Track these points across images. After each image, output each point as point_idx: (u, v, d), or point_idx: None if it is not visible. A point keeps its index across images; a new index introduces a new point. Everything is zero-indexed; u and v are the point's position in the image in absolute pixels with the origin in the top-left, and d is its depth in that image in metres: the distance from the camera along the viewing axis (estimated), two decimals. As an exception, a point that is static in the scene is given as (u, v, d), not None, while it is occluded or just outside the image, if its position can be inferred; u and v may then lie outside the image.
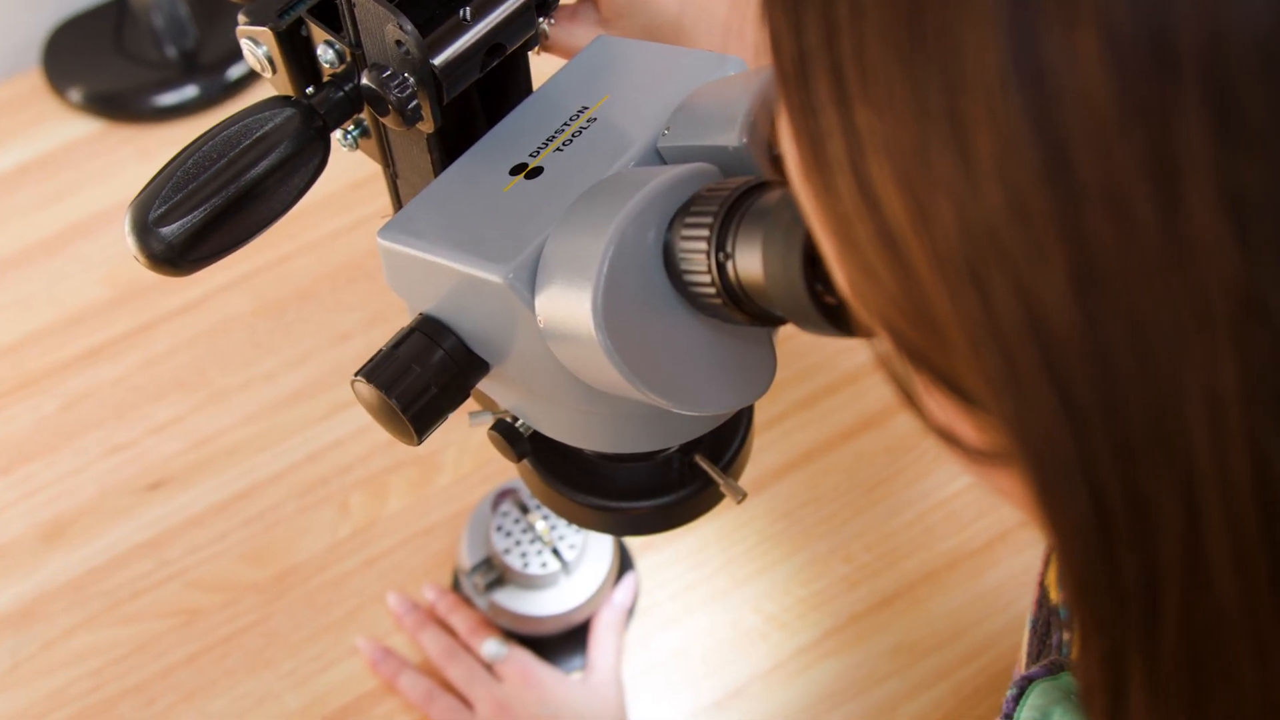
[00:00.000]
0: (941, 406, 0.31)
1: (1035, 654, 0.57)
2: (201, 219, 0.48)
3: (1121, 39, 0.23)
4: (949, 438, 0.32)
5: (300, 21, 0.53)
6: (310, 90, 0.53)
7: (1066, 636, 0.55)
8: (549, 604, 0.89)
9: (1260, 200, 0.23)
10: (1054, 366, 0.26)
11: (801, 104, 0.30)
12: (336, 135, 0.56)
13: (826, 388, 1.04)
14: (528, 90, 0.58)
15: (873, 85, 0.27)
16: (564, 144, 0.52)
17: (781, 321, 0.45)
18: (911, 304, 0.28)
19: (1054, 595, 0.57)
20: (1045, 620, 0.57)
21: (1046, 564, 0.59)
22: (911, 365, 0.31)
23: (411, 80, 0.50)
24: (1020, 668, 0.61)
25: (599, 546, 0.91)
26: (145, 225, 0.47)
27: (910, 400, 0.33)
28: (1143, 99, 0.23)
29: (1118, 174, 0.24)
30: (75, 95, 1.24)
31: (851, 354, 1.05)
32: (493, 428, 0.59)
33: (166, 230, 0.47)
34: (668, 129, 0.50)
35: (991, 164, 0.25)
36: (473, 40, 0.51)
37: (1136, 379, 0.25)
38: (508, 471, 0.98)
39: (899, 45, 0.26)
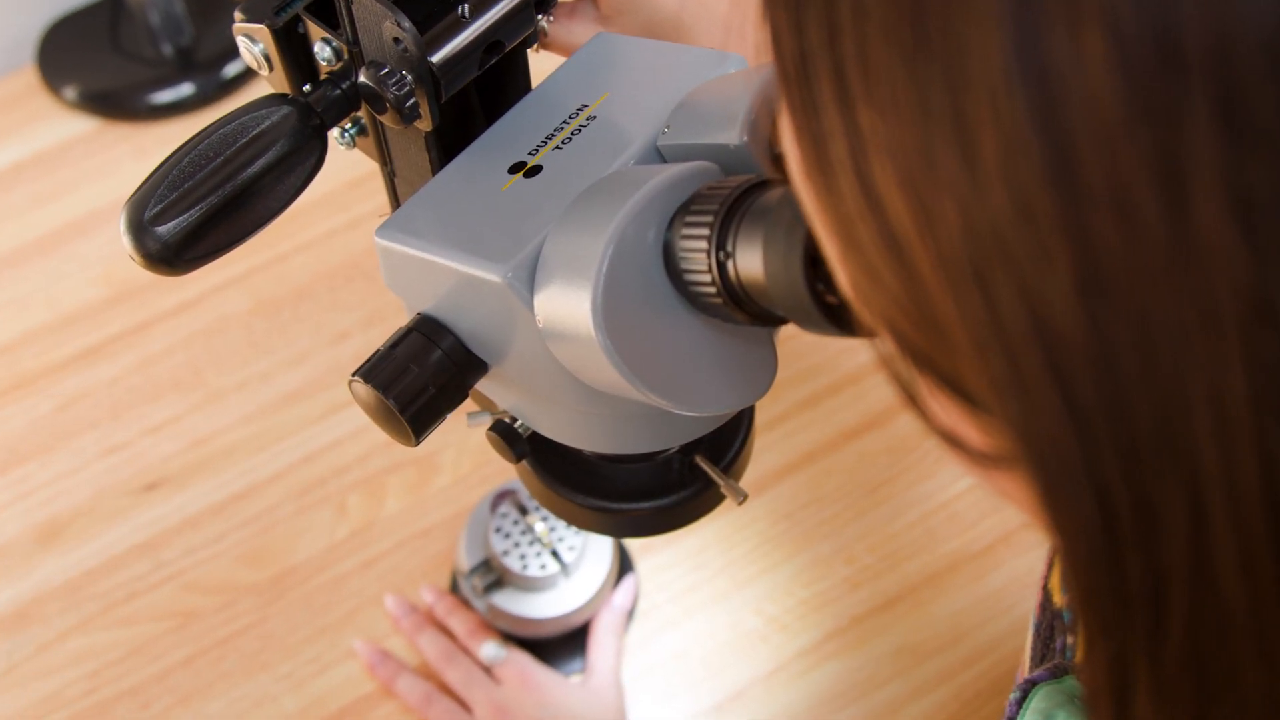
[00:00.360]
0: (945, 409, 0.31)
1: (1039, 657, 0.57)
2: (197, 218, 0.48)
3: (1127, 39, 0.23)
4: (952, 440, 0.32)
5: (297, 19, 0.53)
6: (307, 88, 0.53)
7: (1070, 640, 0.54)
8: (548, 606, 0.88)
9: (1268, 202, 0.23)
10: (1059, 369, 0.26)
11: (803, 104, 0.29)
12: (334, 133, 0.55)
13: (828, 388, 1.04)
14: (526, 88, 0.57)
15: (875, 85, 0.27)
16: (563, 142, 0.51)
17: (783, 321, 0.44)
18: (915, 306, 0.28)
19: (1058, 598, 0.57)
20: (1049, 623, 0.57)
21: (1050, 567, 0.58)
22: (915, 367, 0.31)
23: (409, 78, 0.50)
24: (1023, 671, 0.60)
25: (598, 548, 0.90)
26: (141, 224, 0.47)
27: (913, 402, 0.32)
28: (1148, 100, 0.23)
29: (1123, 175, 0.24)
30: (70, 93, 1.24)
31: (853, 354, 1.05)
32: (491, 428, 0.59)
33: (162, 229, 0.47)
34: (668, 127, 0.50)
35: (996, 165, 0.25)
36: (471, 37, 0.50)
37: (1142, 382, 0.25)
38: (506, 472, 0.98)
39: (902, 45, 0.26)
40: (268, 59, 0.54)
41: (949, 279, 0.27)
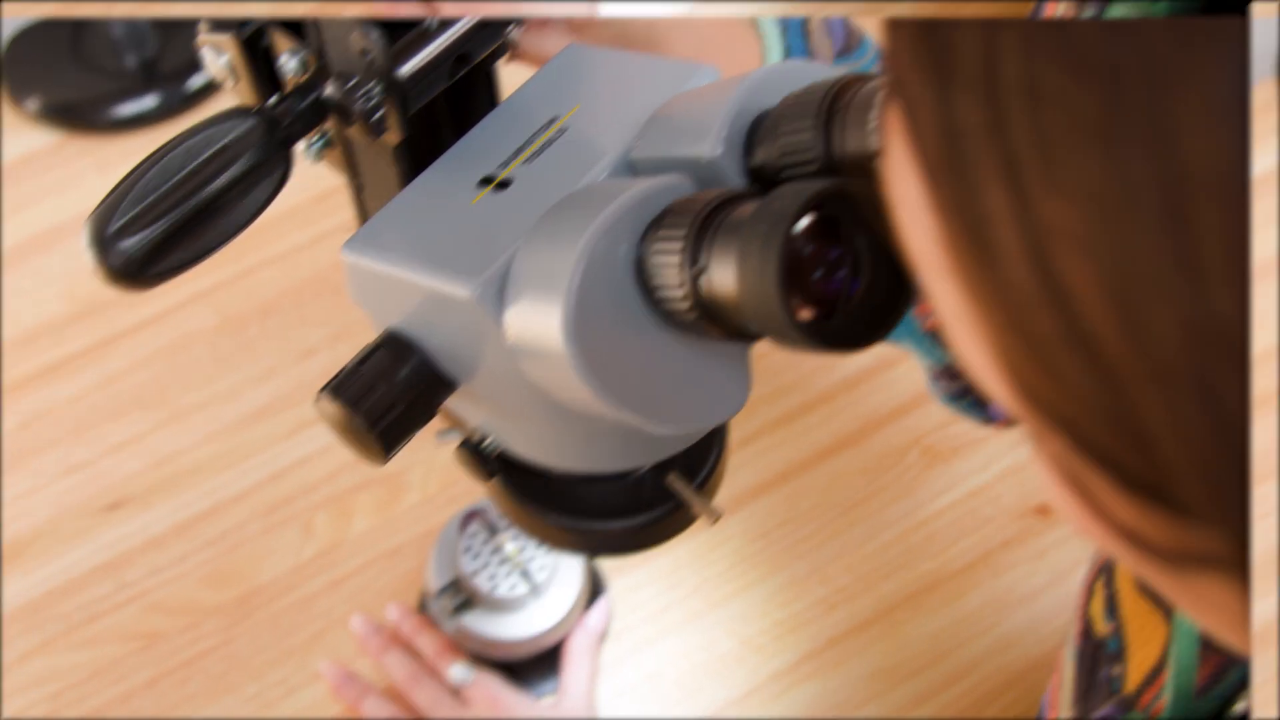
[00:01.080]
0: (1125, 507, 0.28)
1: (1083, 689, 0.56)
2: (162, 232, 0.47)
3: None
4: (1134, 538, 0.29)
5: (262, 30, 0.52)
6: (273, 100, 0.52)
7: (1116, 670, 0.53)
8: (519, 627, 0.87)
9: None
10: None
11: (953, 178, 0.26)
12: (300, 147, 0.54)
13: (803, 406, 1.03)
14: (496, 100, 0.56)
15: (1062, 174, 0.24)
16: (533, 155, 0.50)
17: (757, 337, 0.43)
18: (1108, 409, 0.25)
19: (1100, 627, 0.55)
20: (1091, 654, 0.55)
21: (1090, 594, 0.57)
22: (1095, 467, 0.27)
23: (377, 90, 0.49)
24: (1059, 693, 0.59)
25: (570, 568, 0.89)
26: (104, 239, 0.46)
27: (1085, 500, 0.29)
28: None
29: None
30: (32, 105, 1.22)
31: (827, 372, 1.04)
32: (460, 446, 0.58)
33: (126, 244, 0.46)
34: (640, 140, 0.49)
35: (1220, 266, 0.23)
36: (440, 49, 0.50)
37: None
38: (476, 491, 0.97)
39: (1098, 135, 0.23)
40: (233, 71, 0.53)
41: (1161, 387, 0.24)
